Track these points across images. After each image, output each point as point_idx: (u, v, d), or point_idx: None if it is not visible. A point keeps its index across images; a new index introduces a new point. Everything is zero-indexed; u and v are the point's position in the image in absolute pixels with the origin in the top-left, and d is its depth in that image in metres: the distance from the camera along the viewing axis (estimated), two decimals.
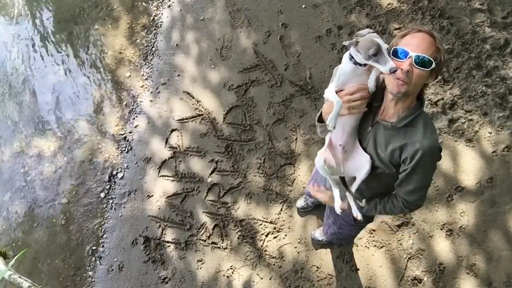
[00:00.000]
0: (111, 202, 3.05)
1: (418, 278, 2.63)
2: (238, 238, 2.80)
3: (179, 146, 3.13)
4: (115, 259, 2.86)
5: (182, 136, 3.16)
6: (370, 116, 1.45)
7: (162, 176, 3.05)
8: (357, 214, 1.62)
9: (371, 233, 2.73)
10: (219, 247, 2.79)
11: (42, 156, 3.30)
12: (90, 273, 2.88)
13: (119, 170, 3.15)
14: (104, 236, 2.96)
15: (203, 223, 2.87)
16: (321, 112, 1.54)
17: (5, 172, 3.30)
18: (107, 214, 3.03)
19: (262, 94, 3.23)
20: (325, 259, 2.70)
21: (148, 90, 3.40)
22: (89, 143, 3.30)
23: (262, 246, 2.77)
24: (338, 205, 1.64)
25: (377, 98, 1.43)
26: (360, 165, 1.49)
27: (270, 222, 2.83)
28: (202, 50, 3.48)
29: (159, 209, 2.96)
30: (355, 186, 1.56)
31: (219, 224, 2.85)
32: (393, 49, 1.28)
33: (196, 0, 3.71)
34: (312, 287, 2.64)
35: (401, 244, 2.71)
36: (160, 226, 2.90)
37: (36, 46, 3.78)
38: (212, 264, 2.76)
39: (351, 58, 1.32)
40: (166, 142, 3.16)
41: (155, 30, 3.66)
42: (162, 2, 3.80)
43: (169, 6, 3.74)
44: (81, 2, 3.91)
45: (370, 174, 1.48)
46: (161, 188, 3.02)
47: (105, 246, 2.93)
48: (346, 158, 1.53)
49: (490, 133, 2.97)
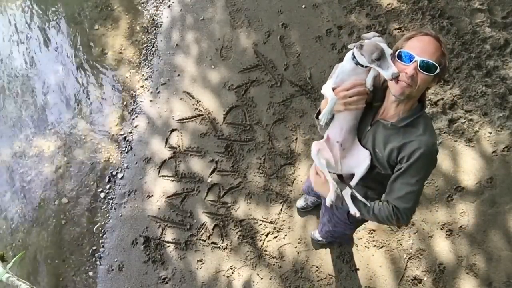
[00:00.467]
0: (111, 202, 3.05)
1: (418, 278, 2.63)
2: (238, 238, 2.80)
3: (179, 146, 3.13)
4: (115, 259, 2.86)
5: (182, 136, 3.16)
6: (370, 115, 1.45)
7: (162, 176, 3.05)
8: (354, 211, 1.56)
9: (371, 233, 2.73)
10: (219, 247, 2.79)
11: (42, 156, 3.30)
12: (90, 273, 2.88)
13: (119, 170, 3.15)
14: (104, 236, 2.96)
15: (203, 223, 2.87)
16: (319, 109, 1.54)
17: (5, 172, 3.30)
18: (107, 214, 3.03)
19: (262, 94, 3.23)
20: (325, 259, 2.70)
21: (148, 90, 3.40)
22: (89, 143, 3.30)
23: (262, 246, 2.77)
24: (330, 198, 1.57)
25: (378, 98, 1.42)
26: (359, 161, 1.48)
27: (270, 222, 2.83)
28: (202, 50, 3.48)
29: (159, 209, 2.96)
30: (354, 182, 1.54)
31: (219, 224, 2.85)
32: (398, 52, 1.27)
33: (196, 0, 3.71)
34: (312, 287, 2.64)
35: (401, 244, 2.71)
36: (160, 226, 2.90)
37: (36, 46, 3.78)
38: (212, 264, 2.76)
39: (353, 58, 1.32)
40: (166, 142, 3.16)
41: (155, 30, 3.66)
42: (162, 2, 3.80)
43: (169, 6, 3.74)
44: (81, 2, 3.91)
45: (367, 173, 1.47)
46: (161, 188, 3.02)
47: (105, 246, 2.93)
48: (344, 156, 1.52)
49: (490, 133, 2.97)
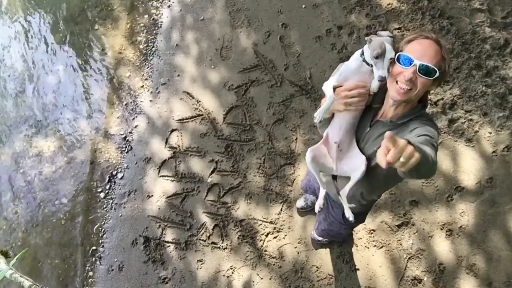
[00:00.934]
0: (111, 202, 3.05)
1: (418, 278, 2.63)
2: (238, 238, 2.80)
3: (179, 146, 3.13)
4: (115, 259, 2.86)
5: (182, 136, 3.16)
6: (369, 117, 1.45)
7: (162, 176, 3.05)
8: (349, 215, 1.63)
9: (371, 233, 2.73)
10: (219, 247, 2.79)
11: (42, 156, 3.30)
12: (90, 273, 2.88)
13: (119, 170, 3.15)
14: (104, 236, 2.96)
15: (203, 223, 2.87)
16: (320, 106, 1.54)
17: (5, 172, 3.30)
18: (107, 214, 3.03)
19: (262, 94, 3.23)
20: (325, 259, 2.70)
21: (148, 90, 3.40)
22: (89, 143, 3.30)
23: (262, 246, 2.77)
24: (319, 204, 1.68)
25: (377, 99, 1.42)
26: (355, 165, 1.46)
27: (270, 222, 2.83)
28: (202, 50, 3.48)
29: (159, 209, 2.96)
30: (349, 186, 1.53)
31: (219, 224, 2.85)
32: (397, 55, 1.27)
33: (196, 0, 3.71)
34: (312, 287, 2.64)
35: (401, 244, 2.71)
36: (160, 226, 2.90)
37: (36, 46, 3.78)
38: (212, 264, 2.76)
39: (362, 54, 1.34)
40: (166, 142, 3.16)
41: (155, 30, 3.66)
42: (162, 2, 3.80)
43: (169, 6, 3.74)
44: (81, 2, 3.91)
45: (367, 173, 1.46)
46: (161, 188, 3.02)
47: (105, 246, 2.93)
48: (341, 157, 1.52)
49: (490, 133, 2.97)
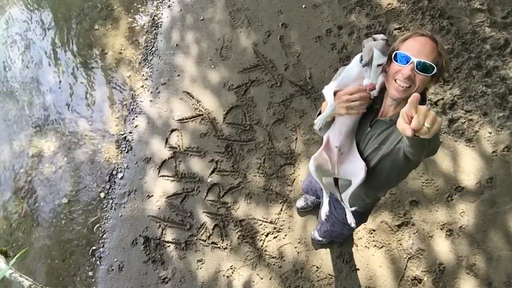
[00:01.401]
0: (111, 202, 3.05)
1: (418, 278, 2.63)
2: (238, 238, 2.80)
3: (179, 146, 3.13)
4: (115, 259, 2.86)
5: (182, 136, 3.16)
6: (370, 117, 1.45)
7: (162, 176, 3.05)
8: (351, 220, 1.66)
9: (371, 233, 2.73)
10: (219, 247, 2.79)
11: (42, 156, 3.30)
12: (90, 273, 2.88)
13: (119, 170, 3.15)
14: (104, 236, 2.96)
15: (203, 223, 2.87)
16: (320, 110, 1.53)
17: (5, 172, 3.30)
18: (107, 214, 3.03)
19: (262, 94, 3.23)
20: (325, 259, 2.70)
21: (148, 90, 3.40)
22: (89, 143, 3.30)
23: (262, 246, 2.77)
24: (325, 211, 1.71)
25: (377, 100, 1.42)
26: (355, 171, 1.48)
27: (270, 222, 2.83)
28: (202, 50, 3.48)
29: (159, 209, 2.96)
30: (350, 191, 1.54)
31: (219, 224, 2.85)
32: (394, 53, 1.27)
33: (196, 0, 3.71)
34: (312, 287, 2.64)
35: (401, 244, 2.71)
36: (160, 226, 2.90)
37: (36, 46, 3.78)
38: (212, 264, 2.76)
39: (361, 60, 1.33)
40: (166, 142, 3.16)
41: (155, 30, 3.66)
42: (162, 2, 3.80)
43: (169, 6, 3.74)
44: (81, 2, 3.91)
45: (370, 174, 1.46)
46: (161, 188, 3.02)
47: (105, 246, 2.93)
48: (342, 161, 1.52)
49: (490, 133, 2.97)
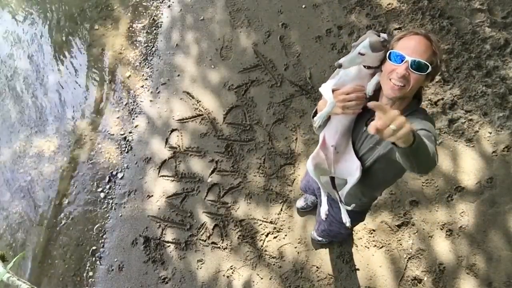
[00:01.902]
0: (111, 202, 3.05)
1: (418, 278, 2.63)
2: (238, 238, 2.80)
3: (179, 146, 3.13)
4: (115, 259, 2.86)
5: (182, 136, 3.16)
6: (366, 116, 1.45)
7: (162, 176, 3.05)
8: (346, 220, 1.67)
9: (371, 233, 2.73)
10: (219, 247, 2.79)
11: (42, 156, 3.30)
12: (90, 273, 2.88)
13: (119, 170, 3.15)
14: (104, 236, 2.96)
15: (203, 223, 2.87)
16: (316, 109, 1.54)
17: (5, 172, 3.30)
18: (107, 214, 3.03)
19: (262, 94, 3.23)
20: (325, 259, 2.70)
21: (148, 90, 3.40)
22: (89, 143, 3.30)
23: (262, 246, 2.77)
24: (324, 210, 1.71)
25: (373, 99, 1.42)
26: (351, 170, 1.49)
27: (270, 222, 2.83)
28: (202, 50, 3.48)
29: (159, 209, 2.96)
30: (346, 190, 1.56)
31: (219, 224, 2.85)
32: (389, 52, 1.28)
33: (196, 0, 3.71)
34: (312, 287, 2.64)
35: (401, 244, 2.71)
36: (160, 226, 2.90)
37: (36, 46, 3.78)
38: (212, 264, 2.76)
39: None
40: (166, 142, 3.16)
41: (155, 30, 3.66)
42: (162, 2, 3.80)
43: (169, 6, 3.74)
44: (81, 2, 3.91)
45: (364, 174, 1.48)
46: (161, 188, 3.02)
47: (105, 246, 2.93)
48: (338, 160, 1.53)
49: (490, 133, 2.97)
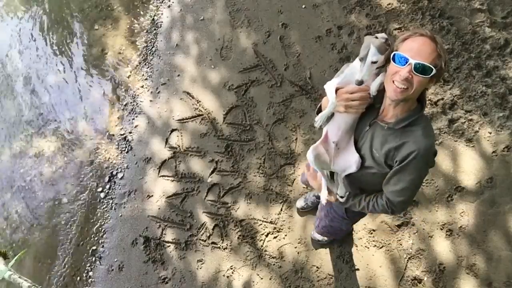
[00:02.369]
0: (111, 202, 3.05)
1: (418, 278, 2.63)
2: (238, 238, 2.80)
3: (179, 146, 3.13)
4: (115, 259, 2.86)
5: (182, 136, 3.16)
6: (370, 115, 1.45)
7: (162, 176, 3.05)
8: (342, 193, 1.60)
9: (371, 233, 2.73)
10: (219, 247, 2.79)
11: (42, 156, 3.30)
12: (90, 273, 2.88)
13: (119, 170, 3.15)
14: (104, 236, 2.96)
15: (203, 223, 2.87)
16: (320, 105, 1.55)
17: (5, 172, 3.30)
18: (107, 214, 3.03)
19: (262, 94, 3.23)
20: (325, 259, 2.70)
21: (148, 90, 3.40)
22: (89, 143, 3.30)
23: (262, 246, 2.77)
24: (324, 196, 1.70)
25: (378, 100, 1.42)
26: (348, 163, 1.51)
27: (270, 222, 2.83)
28: (202, 50, 3.48)
29: (159, 209, 2.96)
30: (341, 177, 1.58)
31: (219, 224, 2.85)
32: (393, 54, 1.27)
33: (196, 0, 3.71)
34: (312, 287, 2.64)
35: (401, 244, 2.71)
36: (160, 226, 2.90)
37: (36, 46, 3.79)
38: (212, 264, 2.76)
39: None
40: (166, 142, 3.16)
41: (155, 30, 3.66)
42: (162, 2, 3.80)
43: (169, 6, 3.74)
44: (81, 2, 3.91)
45: (362, 172, 1.49)
46: (161, 188, 3.02)
47: (105, 246, 2.93)
48: (337, 155, 1.54)
49: (490, 133, 2.97)
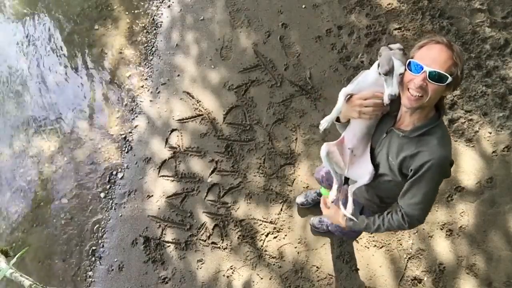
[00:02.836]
0: (111, 202, 3.05)
1: (418, 278, 2.63)
2: (238, 238, 2.80)
3: (179, 146, 3.13)
4: (115, 259, 2.86)
5: (182, 136, 3.16)
6: (388, 123, 1.43)
7: (162, 176, 3.05)
8: (349, 209, 1.63)
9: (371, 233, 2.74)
10: (219, 247, 2.79)
11: (42, 156, 3.30)
12: (90, 273, 2.88)
13: (119, 170, 3.15)
14: (104, 236, 2.96)
15: (203, 223, 2.87)
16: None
17: (5, 172, 3.30)
18: (107, 214, 3.03)
19: (262, 94, 3.23)
20: (325, 259, 2.70)
21: (148, 90, 3.40)
22: (89, 143, 3.30)
23: (262, 246, 2.77)
24: (333, 195, 1.69)
25: (394, 107, 1.41)
26: (362, 174, 1.51)
27: (270, 222, 2.83)
28: (202, 50, 3.48)
29: (159, 209, 2.96)
30: (355, 187, 1.58)
31: (219, 224, 2.85)
32: (408, 61, 1.25)
33: (196, 0, 3.71)
34: (312, 287, 2.64)
35: (401, 244, 2.71)
36: (160, 226, 2.90)
37: (36, 46, 3.78)
38: (212, 264, 2.76)
39: (378, 67, 1.31)
40: (166, 142, 3.16)
41: (155, 30, 3.66)
42: (162, 2, 3.80)
43: (169, 6, 3.74)
44: (81, 2, 3.91)
45: (379, 180, 1.49)
46: (161, 188, 3.02)
47: (105, 246, 2.93)
48: (353, 162, 1.54)
49: (490, 133, 2.97)
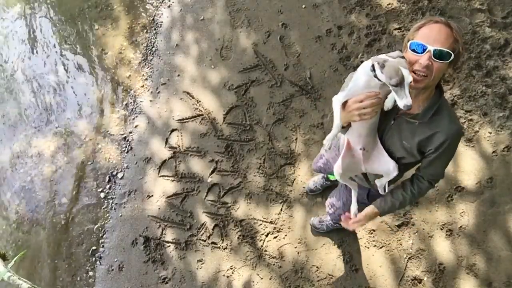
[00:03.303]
0: (111, 202, 3.05)
1: (418, 278, 2.63)
2: (238, 238, 2.80)
3: (179, 146, 3.13)
4: (115, 259, 2.86)
5: (182, 136, 3.16)
6: (393, 110, 1.42)
7: (162, 176, 3.05)
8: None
9: (371, 233, 2.73)
10: (219, 247, 2.79)
11: (42, 156, 3.30)
12: (90, 273, 2.88)
13: (119, 170, 3.15)
14: (104, 236, 2.96)
15: (203, 223, 2.87)
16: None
17: (5, 172, 3.30)
18: (107, 214, 3.03)
19: (262, 94, 3.23)
20: (325, 259, 2.70)
21: (148, 90, 3.40)
22: (89, 143, 3.30)
23: (262, 246, 2.77)
24: (355, 207, 1.71)
25: None
26: (387, 170, 1.53)
27: (270, 222, 2.83)
28: (202, 50, 3.48)
29: (159, 209, 2.96)
30: (381, 186, 1.61)
31: (219, 224, 2.85)
32: (410, 42, 1.27)
33: (196, 0, 3.71)
34: (312, 287, 2.64)
35: (401, 244, 2.71)
36: (160, 226, 2.90)
37: (36, 46, 3.78)
38: (212, 264, 2.76)
39: (373, 70, 1.25)
40: (166, 142, 3.16)
41: (155, 30, 3.66)
42: (162, 2, 3.80)
43: (169, 6, 3.74)
44: (81, 2, 3.91)
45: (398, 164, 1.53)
46: (161, 188, 3.02)
47: (105, 246, 2.93)
48: (368, 158, 1.54)
49: (490, 133, 2.97)
